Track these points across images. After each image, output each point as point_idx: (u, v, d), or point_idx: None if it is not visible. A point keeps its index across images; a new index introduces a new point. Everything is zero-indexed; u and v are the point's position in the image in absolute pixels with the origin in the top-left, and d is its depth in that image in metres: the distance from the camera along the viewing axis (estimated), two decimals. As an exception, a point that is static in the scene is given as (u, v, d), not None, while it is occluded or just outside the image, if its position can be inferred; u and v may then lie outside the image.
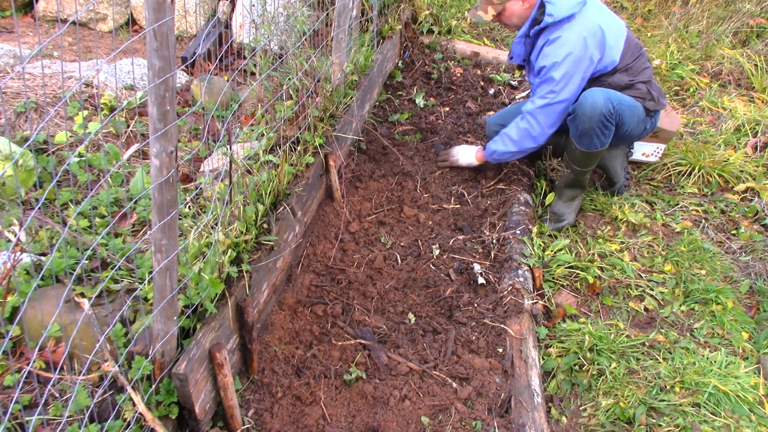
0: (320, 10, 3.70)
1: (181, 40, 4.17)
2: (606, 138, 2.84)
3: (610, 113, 2.76)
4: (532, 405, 2.15)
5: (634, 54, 2.91)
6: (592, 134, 2.80)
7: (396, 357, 2.35)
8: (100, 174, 2.68)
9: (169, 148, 1.47)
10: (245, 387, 2.17)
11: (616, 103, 2.77)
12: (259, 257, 2.23)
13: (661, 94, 3.00)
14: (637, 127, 2.96)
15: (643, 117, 2.95)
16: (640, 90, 2.92)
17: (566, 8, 2.78)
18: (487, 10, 2.96)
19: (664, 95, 3.03)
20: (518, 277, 2.62)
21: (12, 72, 2.62)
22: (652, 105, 2.94)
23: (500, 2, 2.92)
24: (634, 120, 2.90)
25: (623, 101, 2.82)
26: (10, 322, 1.90)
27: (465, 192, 3.26)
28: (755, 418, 2.16)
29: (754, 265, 2.86)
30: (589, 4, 2.85)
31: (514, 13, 2.93)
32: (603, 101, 2.74)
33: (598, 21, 2.81)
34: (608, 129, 2.81)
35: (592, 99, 2.75)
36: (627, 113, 2.84)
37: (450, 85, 4.21)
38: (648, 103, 2.93)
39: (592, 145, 2.85)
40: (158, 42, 1.34)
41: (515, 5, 2.91)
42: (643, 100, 2.92)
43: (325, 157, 2.90)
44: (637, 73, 2.92)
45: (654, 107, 2.96)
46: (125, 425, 1.71)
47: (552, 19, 2.79)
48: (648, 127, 3.04)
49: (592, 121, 2.76)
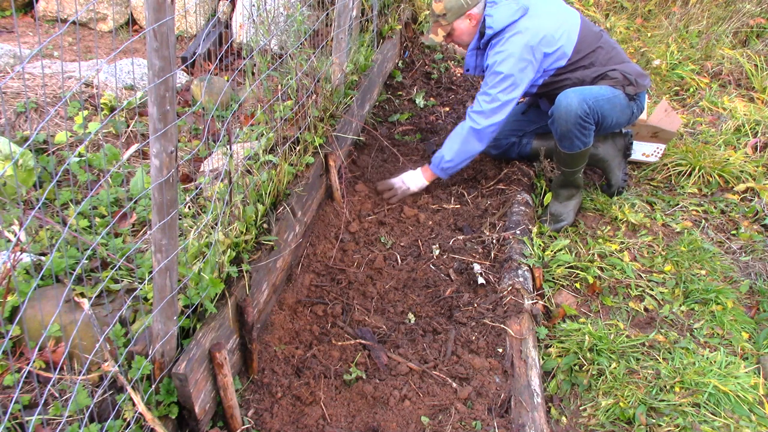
0: (320, 10, 3.70)
1: (181, 40, 4.17)
2: (587, 138, 2.86)
3: (586, 113, 2.78)
4: (532, 405, 2.15)
5: (592, 45, 2.93)
6: (571, 136, 2.83)
7: (396, 357, 2.35)
8: (100, 174, 2.68)
9: (169, 148, 1.47)
10: (245, 387, 2.17)
11: (592, 102, 2.78)
12: (259, 257, 2.23)
13: (640, 74, 2.97)
14: (622, 115, 2.96)
15: (626, 103, 2.94)
16: (614, 78, 2.92)
17: (504, 18, 2.88)
18: (437, 33, 3.05)
19: (644, 75, 3.00)
20: (518, 277, 2.62)
21: (12, 72, 2.62)
22: (632, 89, 2.92)
23: (448, 23, 2.99)
24: (617, 111, 2.91)
25: (600, 96, 2.83)
26: (10, 322, 1.90)
27: (465, 192, 3.26)
28: (755, 418, 2.16)
29: (754, 265, 2.86)
30: (532, 7, 2.91)
31: (463, 31, 3.02)
32: (577, 103, 2.76)
33: (541, 22, 2.87)
34: (587, 129, 2.83)
35: (566, 102, 2.79)
36: (606, 107, 2.85)
37: (450, 85, 4.21)
38: (628, 88, 2.91)
39: (573, 146, 2.87)
40: (158, 42, 1.34)
41: (462, 24, 2.99)
42: (622, 86, 2.91)
43: (325, 157, 2.91)
44: (603, 62, 2.94)
45: (635, 91, 2.94)
46: (125, 425, 1.71)
47: (492, 31, 2.90)
48: (635, 111, 3.02)
49: (569, 124, 2.80)
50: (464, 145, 3.02)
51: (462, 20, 2.98)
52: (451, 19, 2.97)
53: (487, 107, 2.92)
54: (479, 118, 2.95)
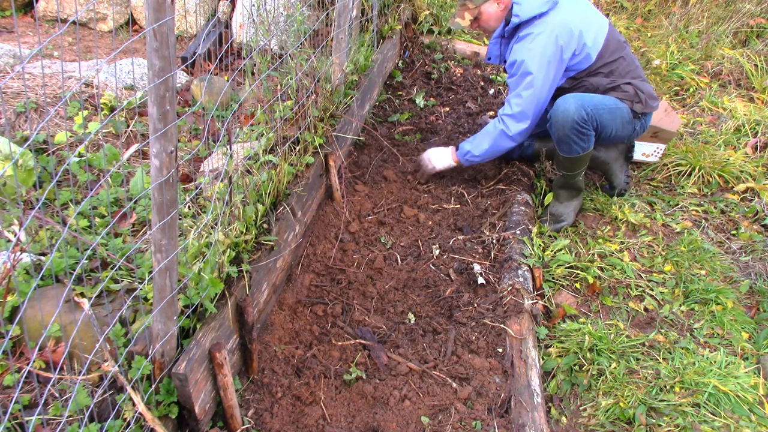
0: (320, 10, 3.70)
1: (181, 40, 4.17)
2: (585, 143, 2.82)
3: (584, 120, 2.74)
4: (532, 405, 2.15)
5: (616, 53, 2.89)
6: (568, 141, 2.81)
7: (396, 357, 2.35)
8: (100, 174, 2.68)
9: (169, 148, 1.47)
10: (245, 387, 2.17)
11: (590, 109, 2.74)
12: (259, 257, 2.22)
13: (651, 96, 2.96)
14: (623, 129, 2.92)
15: (629, 119, 2.91)
16: (626, 92, 2.89)
17: (533, 8, 2.82)
18: (464, 16, 3.01)
19: (655, 98, 2.99)
20: (518, 277, 2.62)
21: (12, 72, 2.62)
22: (640, 108, 2.91)
23: (475, 6, 2.95)
24: (617, 123, 2.87)
25: (600, 105, 2.79)
26: (10, 322, 1.90)
27: (465, 192, 3.26)
28: (755, 418, 2.16)
29: (754, 265, 2.86)
30: (562, 2, 2.86)
31: (491, 16, 2.97)
32: (574, 108, 2.72)
33: (571, 18, 2.82)
34: (585, 135, 2.79)
35: (564, 106, 2.75)
36: (606, 117, 2.81)
37: (450, 85, 4.21)
38: (635, 105, 2.89)
39: (571, 150, 2.84)
40: (158, 42, 1.34)
41: (490, 8, 2.95)
42: (630, 102, 2.89)
43: (325, 157, 2.90)
44: (622, 74, 2.90)
45: (642, 110, 2.92)
46: (125, 425, 1.70)
47: (518, 20, 2.84)
48: (637, 128, 3.00)
49: (565, 128, 2.77)
50: (494, 147, 3.01)
51: (490, 4, 2.93)
52: (479, 2, 2.93)
53: (517, 110, 2.89)
54: (510, 121, 2.92)
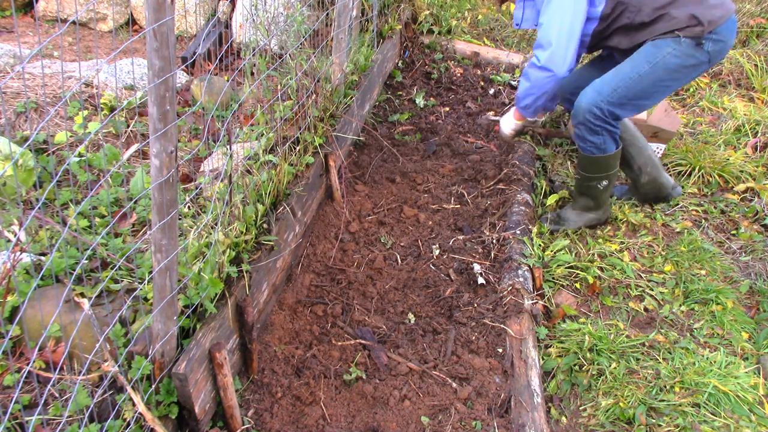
0: (320, 10, 3.70)
1: (181, 40, 4.17)
2: (602, 143, 2.65)
3: (596, 116, 2.55)
4: (532, 405, 2.15)
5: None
6: (581, 134, 2.66)
7: (396, 357, 2.35)
8: (100, 174, 2.68)
9: (169, 148, 1.47)
10: (245, 387, 2.17)
11: (607, 96, 2.51)
12: (259, 257, 2.22)
13: (711, 6, 2.40)
14: (676, 79, 2.51)
15: (682, 62, 2.45)
16: (677, 18, 2.41)
17: None
18: None
19: (717, 4, 2.42)
20: (518, 277, 2.62)
21: (12, 72, 2.62)
22: (699, 30, 2.39)
23: None
24: (664, 81, 2.49)
25: (621, 83, 2.49)
26: (10, 322, 1.90)
27: (465, 192, 3.26)
28: (755, 418, 2.16)
29: (754, 265, 2.86)
30: None
31: None
32: (586, 102, 2.54)
33: None
34: (598, 133, 2.61)
35: (579, 98, 2.58)
36: (636, 89, 2.47)
37: (450, 85, 4.21)
38: (695, 29, 2.40)
39: (584, 147, 2.71)
40: (158, 42, 1.34)
41: None
42: (686, 28, 2.42)
43: (325, 157, 2.90)
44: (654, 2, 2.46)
45: (701, 32, 2.39)
46: (125, 425, 1.71)
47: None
48: (704, 59, 2.48)
49: (576, 121, 2.63)
50: (533, 83, 2.68)
51: None
52: None
53: (540, 38, 2.59)
54: (537, 51, 2.61)
